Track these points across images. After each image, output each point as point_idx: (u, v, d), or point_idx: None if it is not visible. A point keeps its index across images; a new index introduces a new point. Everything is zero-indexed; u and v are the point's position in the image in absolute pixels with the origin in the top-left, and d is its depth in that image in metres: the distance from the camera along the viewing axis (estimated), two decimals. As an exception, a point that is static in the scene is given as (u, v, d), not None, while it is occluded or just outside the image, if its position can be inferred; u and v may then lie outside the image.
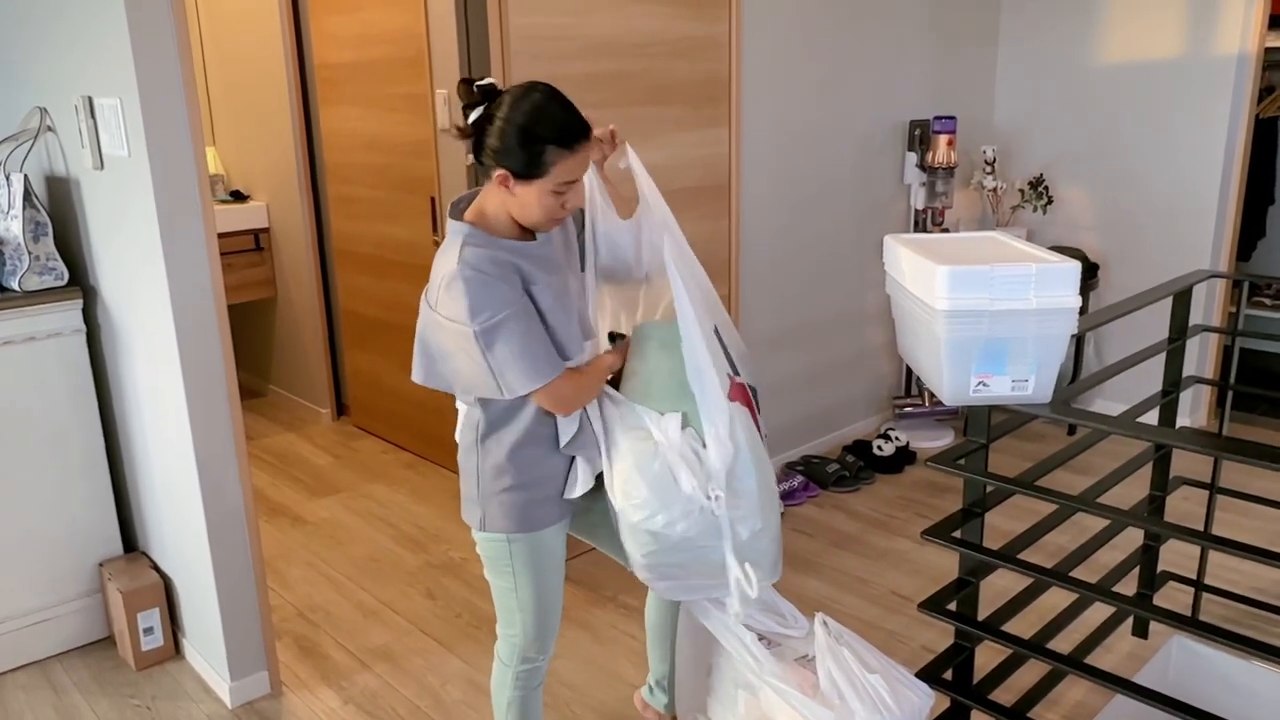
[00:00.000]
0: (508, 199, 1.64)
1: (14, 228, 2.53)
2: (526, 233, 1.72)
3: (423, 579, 3.10)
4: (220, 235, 2.25)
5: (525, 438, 1.74)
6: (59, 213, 2.67)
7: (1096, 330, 4.32)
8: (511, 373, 1.62)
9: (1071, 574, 1.96)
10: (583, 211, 1.89)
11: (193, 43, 4.60)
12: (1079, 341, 4.17)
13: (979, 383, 1.70)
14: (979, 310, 1.65)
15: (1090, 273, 4.14)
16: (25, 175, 2.53)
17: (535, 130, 1.57)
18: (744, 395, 1.81)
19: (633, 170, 1.82)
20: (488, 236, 1.66)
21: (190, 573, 2.53)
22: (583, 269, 1.87)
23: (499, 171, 1.61)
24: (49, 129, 2.57)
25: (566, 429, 1.75)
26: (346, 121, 3.98)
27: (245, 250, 4.52)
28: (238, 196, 4.63)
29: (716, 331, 1.81)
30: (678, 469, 1.71)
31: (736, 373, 1.83)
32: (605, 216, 1.86)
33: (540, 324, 1.66)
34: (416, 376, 1.74)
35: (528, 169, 1.59)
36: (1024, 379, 1.69)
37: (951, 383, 1.72)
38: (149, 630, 2.63)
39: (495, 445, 1.74)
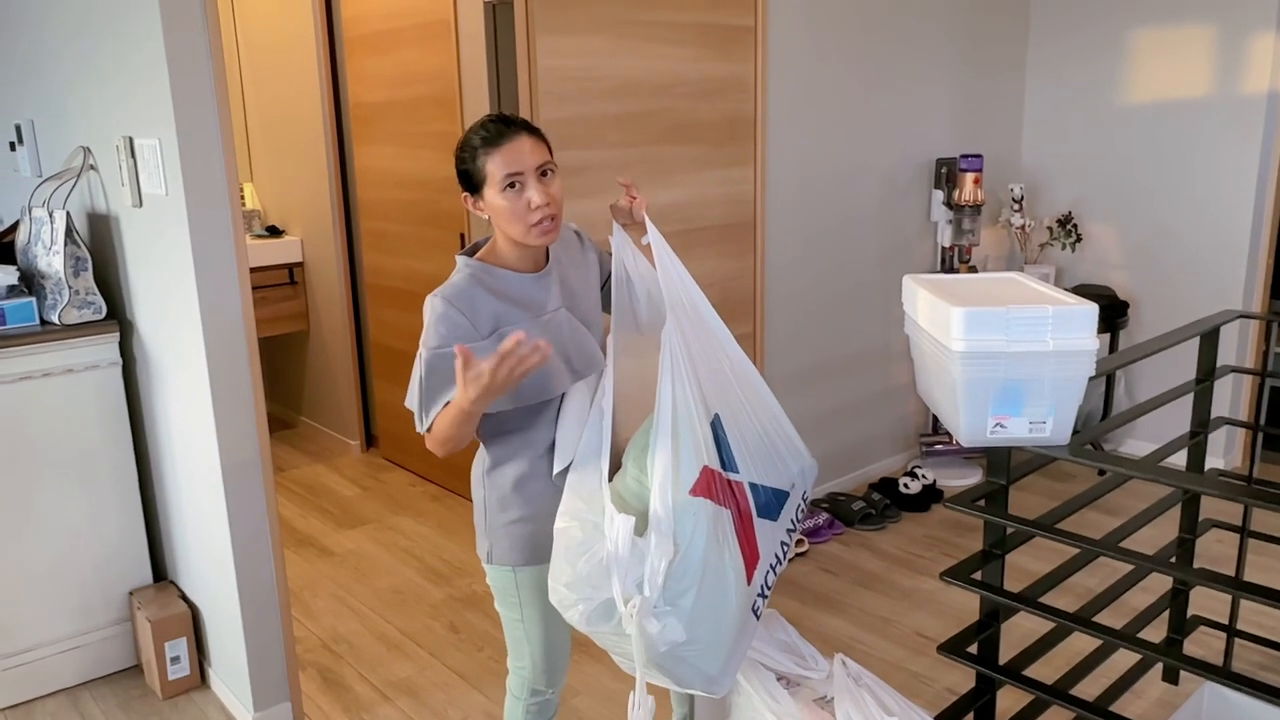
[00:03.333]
0: (496, 226, 1.70)
1: (55, 263, 2.60)
2: (532, 266, 1.74)
3: (446, 612, 3.11)
4: (255, 269, 2.32)
5: (529, 471, 1.76)
6: (99, 248, 2.74)
7: (1127, 369, 4.27)
8: (435, 407, 1.64)
9: (1098, 616, 1.94)
10: (610, 256, 1.87)
11: (232, 82, 4.73)
12: (1109, 380, 4.13)
13: (996, 424, 1.69)
14: (995, 352, 1.65)
15: (1120, 311, 4.11)
16: (68, 212, 2.61)
17: (465, 144, 1.68)
18: (722, 492, 1.64)
19: (652, 247, 1.78)
20: (486, 266, 1.70)
21: (217, 603, 2.57)
22: (605, 309, 1.88)
23: (464, 196, 1.70)
24: (91, 168, 2.66)
25: (561, 457, 1.74)
26: (380, 159, 4.06)
27: (279, 284, 4.60)
28: (273, 231, 4.73)
29: (716, 421, 1.68)
30: (612, 568, 1.58)
31: (730, 469, 1.67)
32: (637, 265, 1.84)
33: None
34: (407, 400, 1.77)
35: (471, 179, 1.67)
36: (1041, 420, 1.68)
37: (968, 424, 1.72)
38: (176, 659, 2.66)
39: (500, 478, 1.77)
